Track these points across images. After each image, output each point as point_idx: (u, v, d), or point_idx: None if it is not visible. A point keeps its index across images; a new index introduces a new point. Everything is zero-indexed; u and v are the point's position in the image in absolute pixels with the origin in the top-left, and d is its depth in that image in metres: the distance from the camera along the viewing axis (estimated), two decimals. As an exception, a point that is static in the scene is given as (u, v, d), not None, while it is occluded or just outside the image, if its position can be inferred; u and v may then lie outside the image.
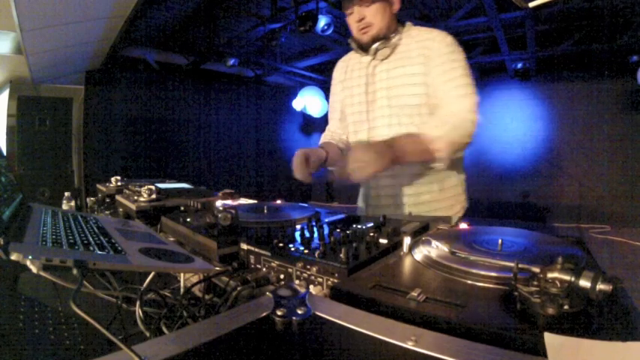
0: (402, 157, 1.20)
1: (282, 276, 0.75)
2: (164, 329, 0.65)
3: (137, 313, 0.67)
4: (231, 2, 4.39)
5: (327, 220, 1.08)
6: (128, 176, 2.20)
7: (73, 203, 1.67)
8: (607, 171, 5.84)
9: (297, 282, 0.72)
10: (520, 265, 0.55)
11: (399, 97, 1.46)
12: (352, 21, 1.46)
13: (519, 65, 5.81)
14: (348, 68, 1.65)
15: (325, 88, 7.53)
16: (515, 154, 6.59)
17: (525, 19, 4.29)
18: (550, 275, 0.51)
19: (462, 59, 1.43)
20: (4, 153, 1.10)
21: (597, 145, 5.90)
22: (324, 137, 1.73)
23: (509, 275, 0.56)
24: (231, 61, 5.58)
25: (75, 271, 0.54)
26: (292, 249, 0.78)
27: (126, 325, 0.68)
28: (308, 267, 0.71)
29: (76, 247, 0.62)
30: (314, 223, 0.98)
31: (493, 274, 0.62)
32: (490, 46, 5.45)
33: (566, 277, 0.50)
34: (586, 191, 6.03)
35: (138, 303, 0.68)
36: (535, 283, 0.52)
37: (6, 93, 4.80)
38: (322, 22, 4.20)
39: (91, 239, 0.70)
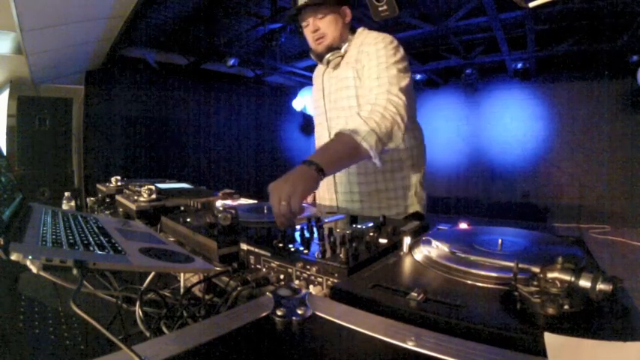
0: (331, 165, 1.12)
1: (282, 276, 0.75)
2: (164, 329, 0.65)
3: (137, 313, 0.67)
4: (231, 2, 4.39)
5: (326, 220, 1.08)
6: (128, 176, 2.20)
7: (73, 203, 1.67)
8: (607, 171, 5.84)
9: (297, 282, 0.72)
10: (520, 265, 0.54)
11: (337, 100, 1.57)
12: (308, 32, 1.54)
13: (519, 65, 5.80)
14: (315, 77, 1.77)
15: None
16: (515, 154, 6.59)
17: (525, 19, 4.29)
18: (550, 275, 0.51)
19: (392, 55, 1.41)
20: (4, 153, 1.09)
21: (597, 145, 5.91)
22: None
23: (510, 275, 0.56)
24: (231, 61, 5.57)
25: (75, 271, 0.54)
26: (292, 249, 0.78)
27: (126, 325, 0.68)
28: (308, 267, 0.71)
29: (76, 247, 0.62)
30: (314, 223, 0.98)
31: (493, 274, 0.62)
32: (490, 46, 5.45)
33: (566, 277, 0.50)
34: (586, 191, 6.03)
35: (138, 303, 0.68)
36: (535, 283, 0.52)
37: (6, 93, 4.79)
38: None
39: (91, 239, 0.70)
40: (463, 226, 0.95)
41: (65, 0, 3.00)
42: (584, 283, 0.48)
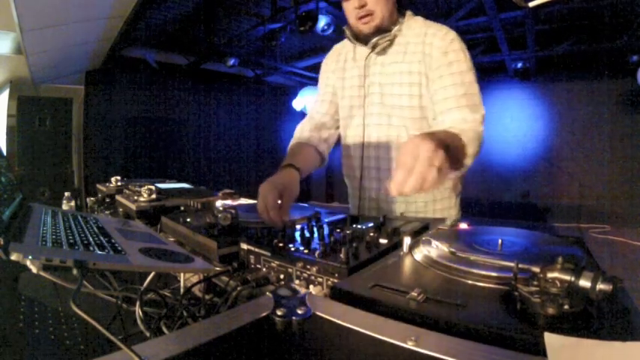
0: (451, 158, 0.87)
1: (282, 276, 0.75)
2: (164, 329, 0.65)
3: (137, 313, 0.67)
4: (231, 2, 4.39)
5: (327, 220, 1.08)
6: (128, 176, 2.20)
7: (72, 203, 1.67)
8: (607, 171, 5.84)
9: (297, 282, 0.72)
10: (520, 265, 0.54)
11: (392, 95, 1.33)
12: (351, 7, 1.29)
13: (519, 65, 5.80)
14: (341, 57, 1.51)
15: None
16: (515, 153, 6.59)
17: (525, 18, 4.29)
18: (550, 275, 0.51)
19: (468, 60, 1.25)
20: (4, 153, 1.10)
21: (597, 145, 5.91)
22: (301, 132, 1.54)
23: (510, 275, 0.56)
24: (231, 61, 5.58)
25: (75, 271, 0.54)
26: (292, 249, 0.78)
27: (126, 325, 0.68)
28: (308, 267, 0.71)
29: (76, 247, 0.62)
30: (314, 223, 0.98)
31: (493, 274, 0.62)
32: (490, 45, 5.45)
33: (566, 277, 0.50)
34: (586, 191, 6.04)
35: (138, 303, 0.68)
36: (535, 283, 0.52)
37: (6, 93, 4.80)
38: (322, 22, 4.20)
39: (91, 239, 0.70)
40: (463, 226, 0.95)
41: (65, 0, 3.01)
42: (584, 283, 0.48)
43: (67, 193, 1.69)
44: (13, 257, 0.49)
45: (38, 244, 0.59)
